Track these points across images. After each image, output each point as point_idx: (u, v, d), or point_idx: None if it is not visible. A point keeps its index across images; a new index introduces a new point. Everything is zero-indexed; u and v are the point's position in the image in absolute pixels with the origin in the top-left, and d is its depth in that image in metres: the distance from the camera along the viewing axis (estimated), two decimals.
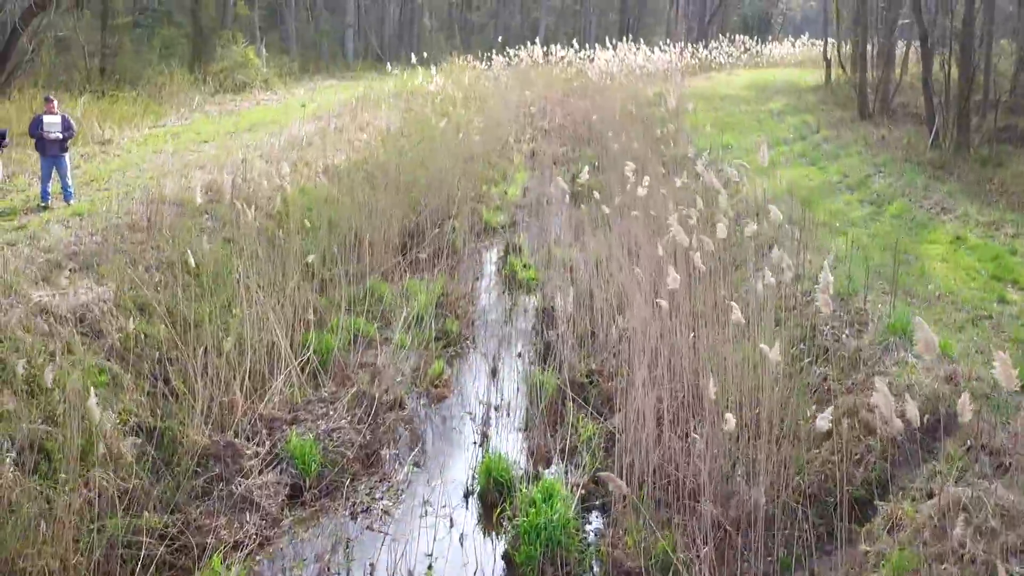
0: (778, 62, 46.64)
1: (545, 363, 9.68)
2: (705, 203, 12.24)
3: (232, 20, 29.55)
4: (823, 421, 6.14)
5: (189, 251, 9.04)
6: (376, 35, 45.58)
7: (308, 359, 8.70)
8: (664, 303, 8.65)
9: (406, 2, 48.67)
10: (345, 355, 9.44)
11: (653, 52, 37.75)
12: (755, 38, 49.46)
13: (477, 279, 13.10)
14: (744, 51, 45.66)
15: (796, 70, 41.13)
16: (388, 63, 29.90)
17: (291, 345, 8.68)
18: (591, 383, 9.02)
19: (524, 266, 13.46)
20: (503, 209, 17.54)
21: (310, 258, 10.67)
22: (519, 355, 10.39)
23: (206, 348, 7.93)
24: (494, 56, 32.59)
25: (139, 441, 7.20)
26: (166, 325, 8.19)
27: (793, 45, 50.77)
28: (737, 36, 47.74)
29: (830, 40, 32.74)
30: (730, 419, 6.60)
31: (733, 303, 7.65)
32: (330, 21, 42.45)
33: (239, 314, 8.39)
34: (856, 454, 7.16)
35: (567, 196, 19.96)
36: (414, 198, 14.48)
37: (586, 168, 15.05)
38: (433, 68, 25.94)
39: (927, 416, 6.79)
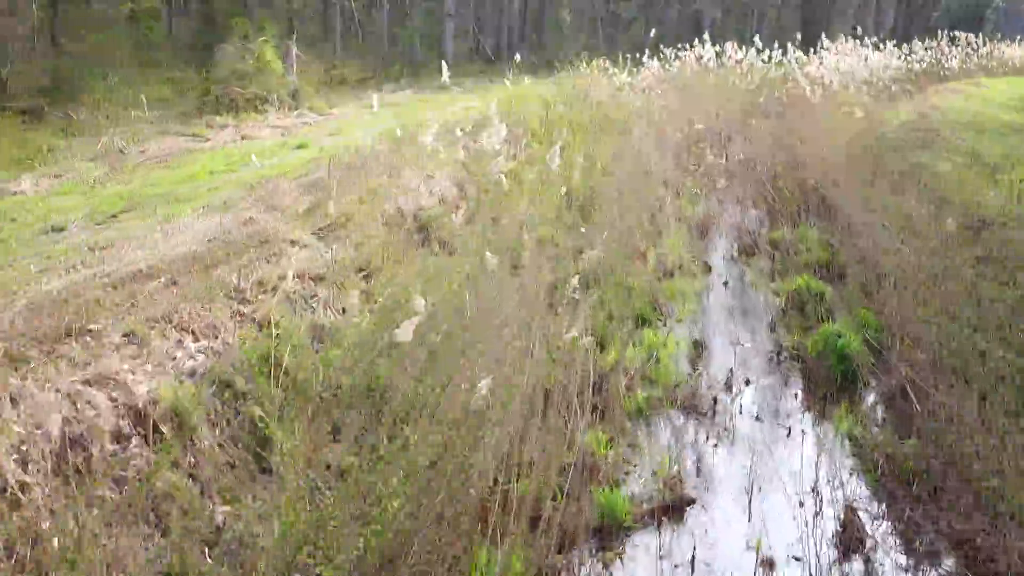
0: (1020, 68, 34.89)
1: None
2: None
3: (258, 3, 20.41)
4: None
5: None
6: (492, 30, 35.90)
7: None
8: None
9: None
10: None
11: (865, 52, 26.38)
12: (979, 36, 37.39)
13: None
14: (967, 52, 33.87)
15: None
16: (503, 67, 20.31)
17: None
18: None
19: None
20: (645, 417, 7.45)
21: None
22: None
23: None
24: (646, 60, 21.90)
25: None
26: None
27: None
28: (957, 34, 35.77)
29: None
30: None
31: None
32: (431, 13, 32.91)
33: None
34: None
35: (783, 365, 9.57)
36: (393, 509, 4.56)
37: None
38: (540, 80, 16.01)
39: None
